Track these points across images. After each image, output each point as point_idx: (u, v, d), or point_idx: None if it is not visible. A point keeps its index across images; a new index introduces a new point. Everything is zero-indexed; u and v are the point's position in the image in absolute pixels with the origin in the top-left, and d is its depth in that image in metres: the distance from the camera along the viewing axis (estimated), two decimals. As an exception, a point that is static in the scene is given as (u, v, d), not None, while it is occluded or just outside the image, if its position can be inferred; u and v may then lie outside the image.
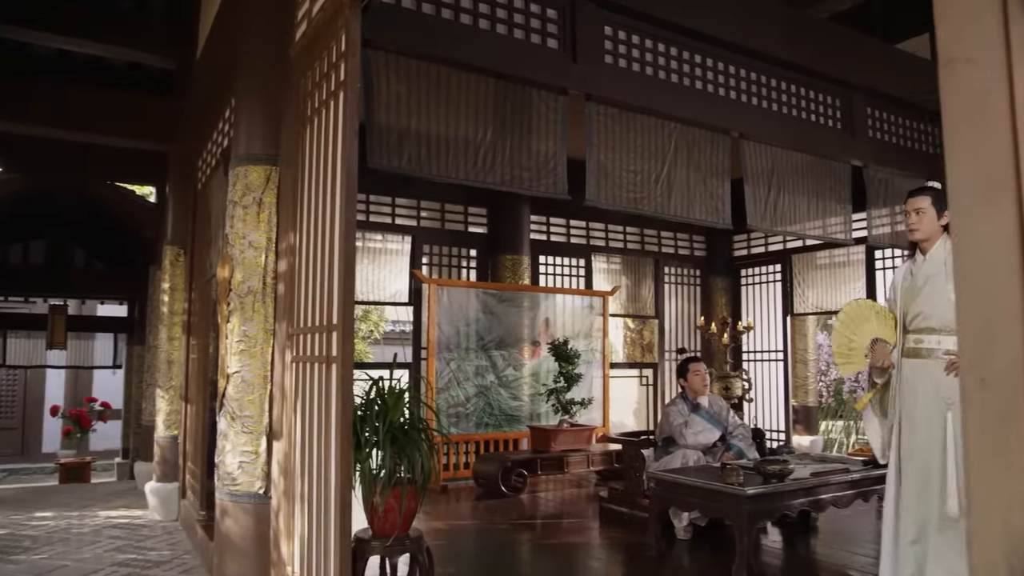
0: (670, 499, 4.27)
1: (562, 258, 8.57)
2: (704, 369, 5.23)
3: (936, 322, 3.15)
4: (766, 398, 9.41)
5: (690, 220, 5.20)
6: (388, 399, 3.26)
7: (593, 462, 6.59)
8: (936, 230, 3.25)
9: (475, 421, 6.92)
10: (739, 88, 5.35)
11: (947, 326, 3.12)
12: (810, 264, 9.19)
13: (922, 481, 3.10)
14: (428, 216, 7.64)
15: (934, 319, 3.16)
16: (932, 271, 3.22)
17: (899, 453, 3.23)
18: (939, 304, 3.14)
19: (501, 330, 7.23)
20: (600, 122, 4.69)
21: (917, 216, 3.27)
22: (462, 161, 4.16)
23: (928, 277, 3.22)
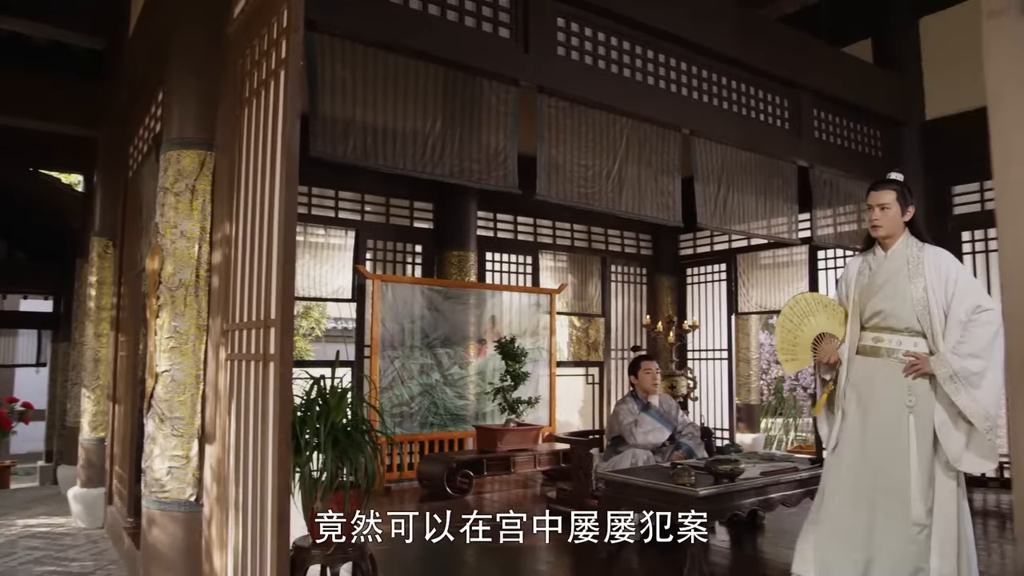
0: (620, 500, 4.19)
1: (509, 255, 8.46)
2: (655, 368, 5.18)
3: (897, 321, 3.09)
4: (710, 396, 9.48)
5: (641, 217, 5.14)
6: (330, 399, 3.09)
7: (540, 462, 6.50)
8: (899, 227, 3.16)
9: (420, 421, 6.76)
10: (690, 85, 5.33)
11: (909, 326, 3.08)
12: (754, 264, 9.28)
13: (872, 483, 3.02)
14: (373, 210, 7.44)
15: (895, 319, 3.09)
16: (894, 269, 3.14)
17: (843, 451, 3.14)
18: (901, 304, 3.08)
19: (447, 327, 7.08)
20: (552, 115, 4.59)
21: (881, 212, 3.15)
22: (410, 152, 4.01)
23: (890, 275, 3.13)
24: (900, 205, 3.14)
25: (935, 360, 2.97)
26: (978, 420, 2.89)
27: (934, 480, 2.97)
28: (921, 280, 3.05)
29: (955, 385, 2.90)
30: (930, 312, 3.02)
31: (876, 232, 3.18)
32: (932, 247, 3.15)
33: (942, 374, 2.94)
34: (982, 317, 2.98)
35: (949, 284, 3.03)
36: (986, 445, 2.93)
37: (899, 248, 3.15)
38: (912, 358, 3.02)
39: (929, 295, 3.02)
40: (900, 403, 3.01)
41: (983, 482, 6.38)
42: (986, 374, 2.91)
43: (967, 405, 2.89)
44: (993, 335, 2.97)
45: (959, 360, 2.92)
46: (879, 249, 3.23)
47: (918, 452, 2.96)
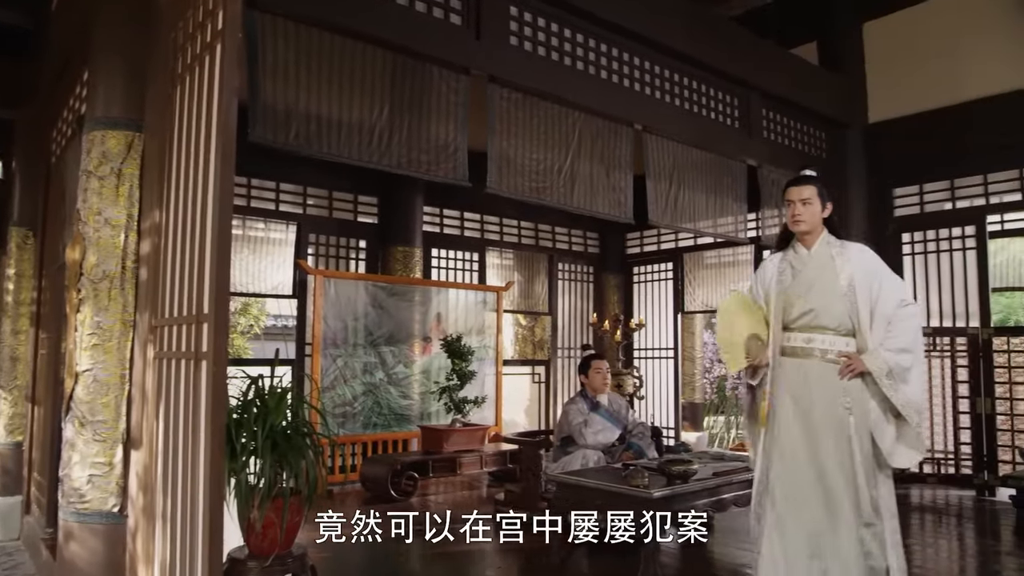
0: (571, 502, 4.08)
1: (455, 251, 8.30)
2: (606, 367, 5.10)
3: (829, 320, 3.00)
4: (656, 395, 9.49)
5: (593, 213, 5.05)
6: (269, 400, 2.90)
7: (487, 463, 6.36)
8: (819, 223, 3.08)
9: (363, 421, 6.54)
10: (643, 81, 5.27)
11: (840, 325, 3.00)
12: (700, 263, 9.33)
13: (822, 488, 2.93)
14: (315, 204, 7.18)
15: (827, 317, 3.01)
16: (820, 267, 3.06)
17: (786, 458, 3.02)
18: (832, 302, 3.00)
19: (391, 325, 6.88)
20: (503, 107, 4.46)
21: (803, 206, 3.05)
22: (355, 141, 3.83)
23: (817, 273, 3.06)
24: (820, 201, 3.07)
25: (869, 358, 2.93)
26: (911, 414, 2.90)
27: (877, 478, 2.95)
28: (847, 276, 3.00)
29: (891, 381, 2.88)
30: (858, 309, 2.97)
31: (798, 227, 3.08)
32: (853, 244, 3.12)
33: (878, 371, 2.90)
34: (907, 311, 2.98)
35: (875, 280, 3.00)
36: (915, 437, 2.95)
37: (821, 246, 3.09)
38: (846, 359, 2.96)
39: (857, 292, 2.98)
40: (839, 405, 2.94)
41: (921, 478, 6.51)
42: (914, 368, 2.93)
43: (902, 400, 2.88)
44: (917, 329, 3.01)
45: (893, 356, 2.90)
46: (800, 247, 3.14)
47: (860, 452, 2.91)
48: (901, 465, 3.01)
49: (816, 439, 2.95)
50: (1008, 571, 4.19)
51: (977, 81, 6.56)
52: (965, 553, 4.63)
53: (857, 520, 2.88)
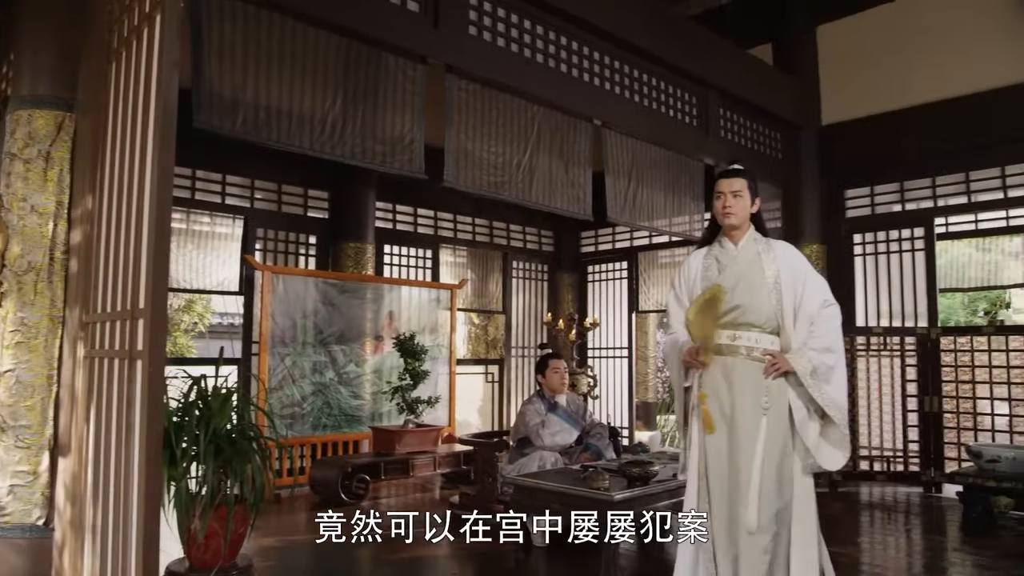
0: (529, 505, 3.97)
1: (408, 248, 8.12)
2: (564, 366, 5.00)
3: (756, 317, 2.93)
4: (610, 395, 9.45)
5: (552, 209, 4.95)
6: (212, 402, 2.72)
7: (440, 464, 6.20)
8: (747, 218, 3.01)
9: (312, 422, 6.33)
10: (603, 76, 5.19)
11: (766, 323, 2.94)
12: (654, 262, 9.32)
13: (734, 495, 2.85)
14: (263, 197, 6.92)
15: (754, 314, 2.93)
16: (748, 262, 2.98)
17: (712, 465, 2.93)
18: (759, 299, 2.93)
19: (342, 323, 6.68)
20: (461, 98, 4.33)
21: (734, 199, 2.97)
22: (307, 130, 3.65)
23: (745, 269, 2.97)
24: (750, 194, 3.00)
25: (794, 357, 2.87)
26: (835, 413, 2.86)
27: (790, 482, 2.86)
28: (774, 274, 2.94)
29: (815, 381, 2.84)
30: (782, 307, 2.93)
31: (728, 220, 2.99)
32: (777, 241, 3.07)
33: (803, 370, 2.84)
34: (829, 311, 2.95)
35: (799, 278, 2.96)
36: (841, 437, 2.91)
37: (748, 242, 3.01)
38: (771, 357, 2.89)
39: (783, 290, 2.93)
40: (757, 405, 2.86)
41: (871, 476, 6.59)
42: (836, 368, 2.90)
43: (826, 400, 2.84)
44: (839, 329, 2.97)
45: (817, 355, 2.86)
46: (726, 242, 3.04)
47: (764, 455, 2.81)
48: (829, 466, 2.91)
49: (736, 439, 2.87)
50: (955, 566, 4.23)
51: (925, 86, 6.67)
52: (915, 549, 4.66)
53: (758, 527, 2.77)
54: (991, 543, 4.67)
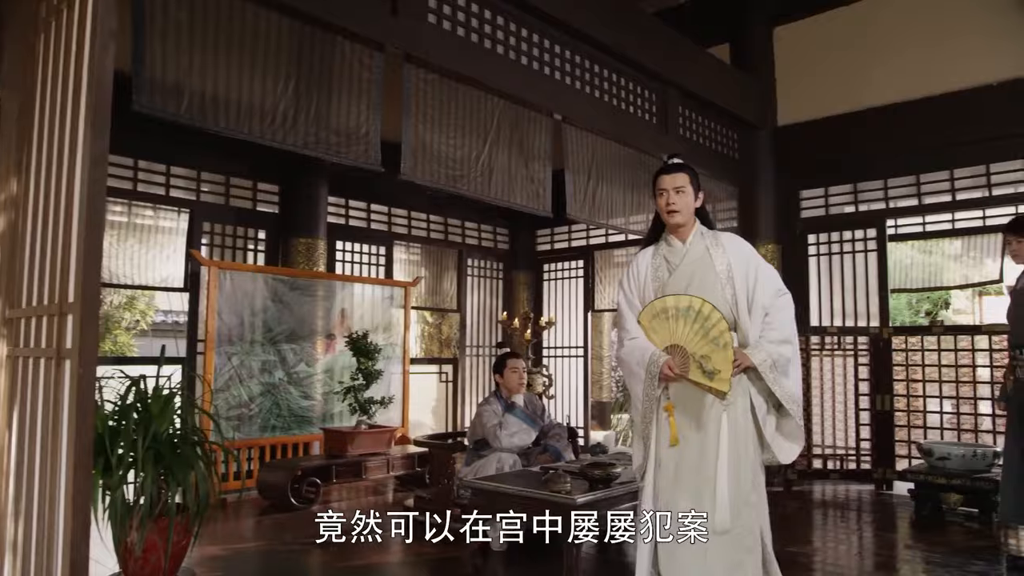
0: (488, 509, 3.84)
1: (361, 244, 7.92)
2: (522, 366, 4.89)
3: None
4: (566, 394, 9.39)
5: (511, 204, 4.84)
6: (152, 404, 2.53)
7: (394, 466, 6.04)
8: (692, 213, 2.92)
9: (260, 424, 6.10)
10: (563, 70, 5.09)
11: None
12: (610, 261, 9.29)
13: (696, 495, 2.74)
14: (210, 190, 6.65)
15: None
16: (698, 259, 2.88)
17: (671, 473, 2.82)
18: (712, 296, 2.81)
19: (292, 321, 6.46)
20: (420, 89, 4.18)
21: (677, 195, 2.85)
22: (257, 116, 3.46)
23: (695, 266, 2.88)
24: (693, 189, 2.90)
25: (754, 351, 2.79)
26: (792, 405, 2.81)
27: (758, 478, 2.82)
28: (725, 268, 2.86)
29: (775, 374, 2.78)
30: (736, 300, 2.85)
31: (673, 218, 2.88)
32: (725, 233, 2.99)
33: (763, 364, 2.77)
34: (783, 300, 2.90)
35: (751, 268, 2.88)
36: (796, 428, 2.88)
37: (696, 237, 2.92)
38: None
39: (735, 282, 2.85)
40: (717, 403, 2.78)
41: (824, 474, 6.64)
42: (793, 360, 2.85)
43: (785, 393, 2.79)
44: (793, 320, 2.92)
45: (775, 348, 2.80)
46: (673, 240, 2.95)
47: (729, 454, 2.73)
48: (784, 459, 2.89)
49: (701, 442, 2.77)
50: (910, 563, 4.24)
51: (878, 89, 6.75)
52: (870, 547, 4.68)
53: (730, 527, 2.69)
54: (943, 539, 4.72)
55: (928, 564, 4.16)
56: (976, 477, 5.22)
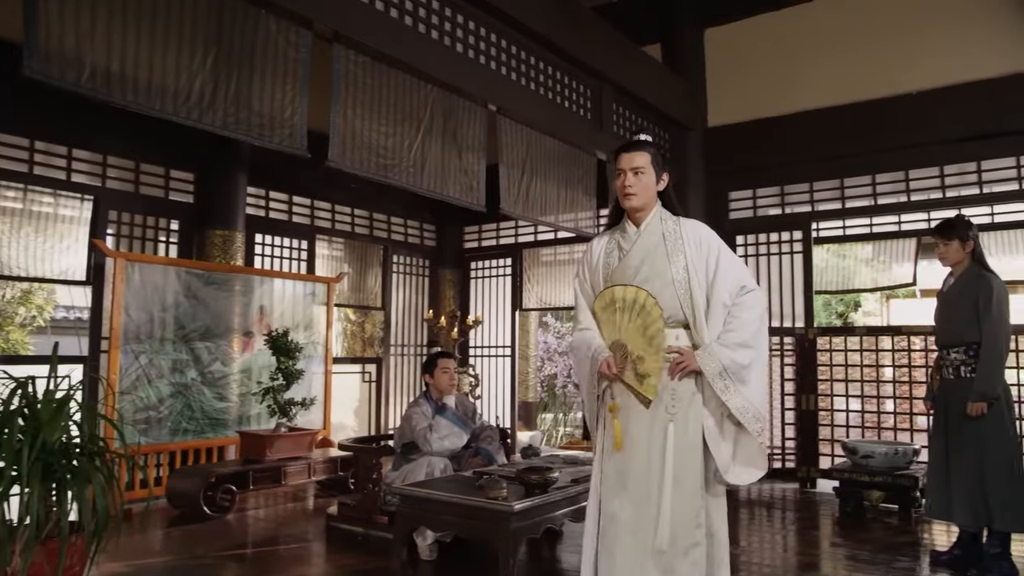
0: (419, 517, 3.65)
1: (282, 238, 7.56)
2: (453, 366, 4.69)
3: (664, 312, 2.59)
4: (493, 394, 9.23)
5: (443, 197, 4.64)
6: (42, 409, 2.23)
7: (315, 471, 5.74)
8: (653, 197, 2.68)
9: (171, 427, 5.70)
10: (499, 60, 4.93)
11: (672, 315, 2.58)
12: (538, 259, 9.19)
13: (641, 506, 2.52)
14: (118, 176, 6.18)
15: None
16: (650, 245, 2.63)
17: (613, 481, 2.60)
18: (662, 287, 2.58)
19: (207, 318, 6.08)
20: (350, 71, 3.94)
21: (635, 176, 2.62)
22: (171, 92, 3.17)
23: (646, 253, 2.63)
24: (655, 170, 2.67)
25: (703, 354, 2.53)
26: (750, 421, 2.53)
27: (706, 497, 2.56)
28: (681, 258, 2.59)
29: (725, 383, 2.50)
30: (692, 295, 2.57)
31: (629, 201, 2.64)
32: (689, 220, 2.72)
33: (711, 370, 2.51)
34: (748, 299, 2.60)
35: (711, 260, 2.61)
36: (756, 449, 2.60)
37: (653, 222, 2.66)
38: (676, 354, 2.55)
39: (691, 275, 2.57)
40: (662, 409, 2.54)
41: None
42: (754, 367, 2.56)
43: (739, 404, 2.51)
44: (759, 319, 2.63)
45: (728, 352, 2.52)
46: (628, 224, 2.71)
47: (674, 467, 2.49)
48: (739, 483, 2.62)
49: (640, 450, 2.55)
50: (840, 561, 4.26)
51: (804, 94, 6.87)
52: (799, 545, 4.69)
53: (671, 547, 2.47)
54: (868, 536, 4.78)
55: (857, 562, 4.19)
56: (897, 474, 5.33)
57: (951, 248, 4.10)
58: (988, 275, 3.99)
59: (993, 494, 3.83)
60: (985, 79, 6.10)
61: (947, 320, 4.15)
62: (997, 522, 3.84)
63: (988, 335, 3.87)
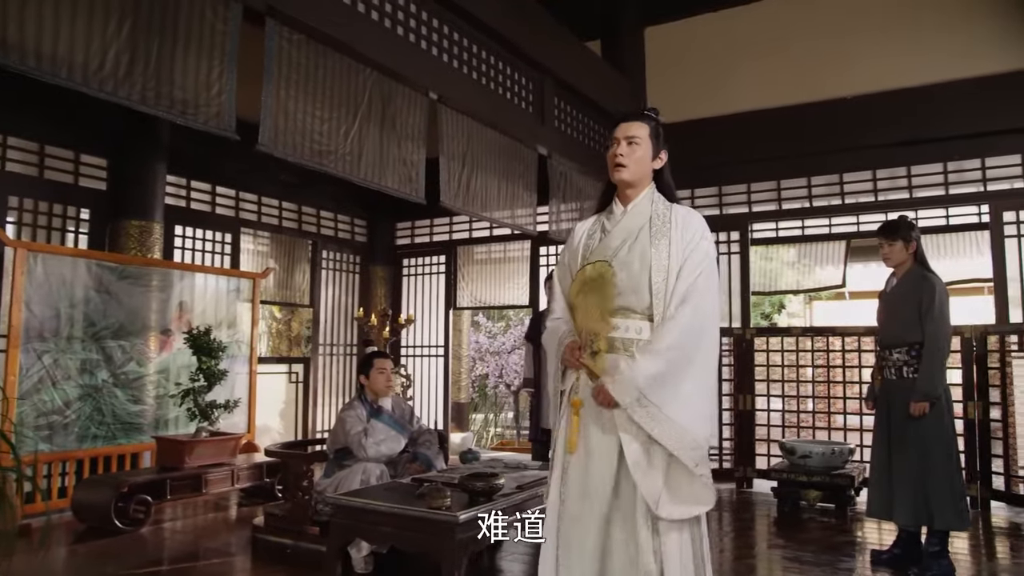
0: (355, 529, 3.40)
1: (204, 231, 7.13)
2: (390, 366, 4.44)
3: (635, 300, 2.26)
4: (425, 395, 8.99)
5: (381, 188, 4.40)
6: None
7: (239, 478, 5.39)
8: (647, 174, 2.40)
9: (78, 433, 5.24)
10: (441, 46, 4.72)
11: (647, 309, 2.25)
12: (472, 257, 9.00)
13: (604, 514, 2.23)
14: (20, 159, 5.67)
15: (633, 295, 2.26)
16: (634, 227, 2.33)
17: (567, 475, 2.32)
18: (640, 273, 2.26)
19: (121, 314, 5.64)
20: (284, 48, 3.67)
21: (629, 147, 2.35)
22: (80, 59, 2.84)
23: (628, 234, 2.33)
24: (652, 145, 2.39)
25: (614, 379, 2.17)
26: (684, 452, 2.14)
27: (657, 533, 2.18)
28: (665, 242, 2.27)
29: (648, 409, 2.14)
30: (667, 284, 2.24)
31: (619, 173, 2.36)
32: (683, 207, 2.40)
33: (626, 398, 2.15)
34: (700, 283, 2.25)
35: (688, 247, 2.27)
36: (696, 484, 2.16)
37: (642, 203, 2.38)
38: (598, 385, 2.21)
39: (671, 263, 2.25)
40: (630, 419, 2.19)
41: (686, 475, 6.67)
42: (684, 374, 2.17)
43: (669, 434, 2.13)
44: (705, 310, 2.25)
45: (650, 364, 2.14)
46: (616, 204, 2.43)
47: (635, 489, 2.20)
48: (674, 518, 2.16)
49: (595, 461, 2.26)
50: (779, 560, 4.22)
51: (742, 95, 6.90)
52: (740, 545, 4.64)
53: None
54: (809, 536, 4.77)
55: (803, 564, 4.15)
56: (835, 474, 5.36)
57: (895, 249, 4.11)
58: (931, 276, 4.01)
59: (934, 494, 3.84)
60: (914, 86, 6.23)
61: (890, 321, 4.15)
62: (938, 521, 3.86)
63: (931, 336, 3.89)
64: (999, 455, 5.51)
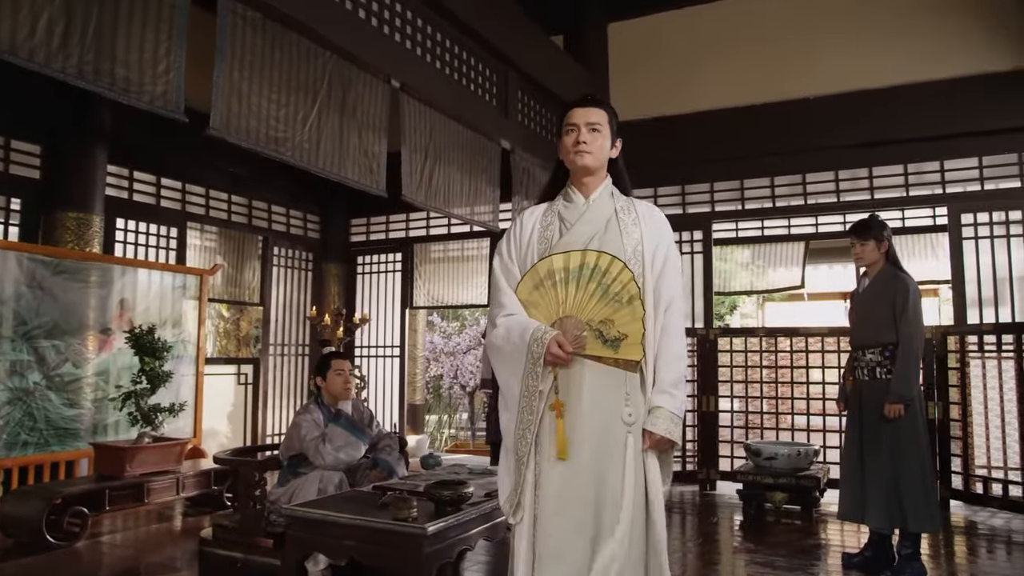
0: (313, 542, 3.17)
1: (148, 224, 6.77)
2: (348, 368, 4.19)
3: None
4: (380, 397, 8.73)
5: (341, 178, 4.17)
6: None
7: (185, 486, 5.07)
8: (604, 163, 2.32)
9: (6, 440, 4.86)
10: (405, 33, 4.51)
11: None
12: (428, 255, 8.78)
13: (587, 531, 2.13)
14: (-57, 145, 5.28)
15: None
16: (602, 220, 2.26)
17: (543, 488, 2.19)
18: None
19: (56, 312, 5.27)
20: (238, 27, 3.42)
21: (591, 133, 2.25)
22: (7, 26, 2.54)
23: (597, 228, 2.25)
24: (611, 132, 2.31)
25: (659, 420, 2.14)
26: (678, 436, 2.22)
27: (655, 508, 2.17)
28: (635, 241, 2.22)
29: (677, 427, 2.16)
30: (644, 282, 2.20)
31: (583, 159, 2.25)
32: (643, 201, 2.36)
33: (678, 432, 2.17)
34: (675, 307, 2.24)
35: (662, 250, 2.26)
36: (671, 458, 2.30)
37: (603, 195, 2.30)
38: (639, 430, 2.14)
39: (645, 263, 2.21)
40: (617, 418, 2.15)
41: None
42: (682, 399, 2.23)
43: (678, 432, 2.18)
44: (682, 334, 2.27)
45: (670, 400, 2.16)
46: (575, 193, 2.31)
47: (634, 482, 2.13)
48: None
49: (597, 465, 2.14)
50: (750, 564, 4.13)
51: (705, 94, 6.84)
52: (709, 549, 4.53)
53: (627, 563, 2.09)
54: (777, 540, 4.69)
55: (775, 569, 4.05)
56: (800, 475, 5.30)
57: (867, 248, 4.05)
58: (903, 276, 3.95)
59: (908, 495, 3.78)
60: (876, 88, 6.24)
61: (862, 321, 4.09)
62: (911, 523, 3.80)
63: (905, 336, 3.83)
64: (958, 454, 5.53)
